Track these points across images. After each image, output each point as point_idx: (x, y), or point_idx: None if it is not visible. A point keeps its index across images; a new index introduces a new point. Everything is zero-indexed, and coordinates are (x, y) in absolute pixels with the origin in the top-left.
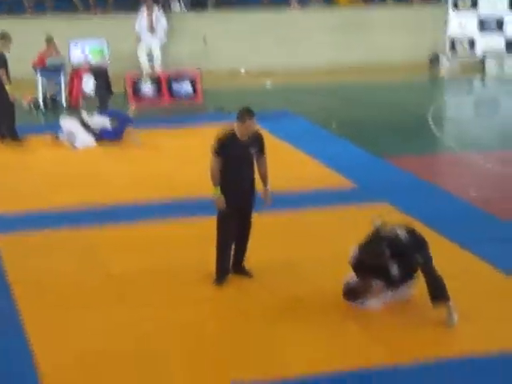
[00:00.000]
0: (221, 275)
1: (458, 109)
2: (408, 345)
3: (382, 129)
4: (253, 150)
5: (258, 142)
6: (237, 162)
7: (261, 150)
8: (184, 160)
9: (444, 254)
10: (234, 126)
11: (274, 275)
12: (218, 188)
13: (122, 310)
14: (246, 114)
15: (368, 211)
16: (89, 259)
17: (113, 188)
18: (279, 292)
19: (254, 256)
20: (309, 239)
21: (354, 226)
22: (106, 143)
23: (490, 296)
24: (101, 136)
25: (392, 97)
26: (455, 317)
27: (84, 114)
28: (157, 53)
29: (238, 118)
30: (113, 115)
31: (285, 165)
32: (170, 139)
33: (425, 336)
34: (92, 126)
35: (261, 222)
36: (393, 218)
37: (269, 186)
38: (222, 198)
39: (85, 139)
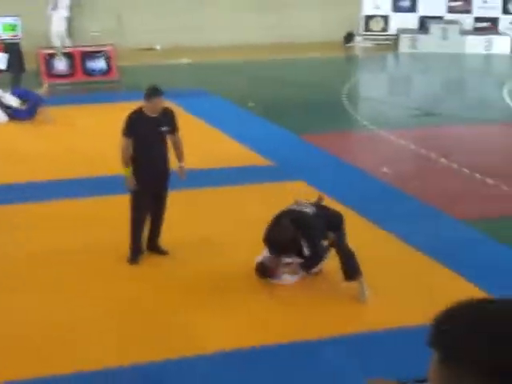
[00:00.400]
0: (134, 254)
1: (372, 87)
2: (320, 319)
3: (299, 107)
4: (164, 128)
5: (169, 119)
6: (147, 140)
7: (173, 127)
8: (100, 137)
9: (357, 230)
10: (143, 104)
11: (190, 252)
12: (129, 169)
13: (38, 291)
14: (152, 92)
15: (285, 189)
16: (5, 238)
17: (28, 165)
18: (195, 268)
19: (170, 233)
20: (225, 216)
21: (270, 204)
22: (19, 121)
23: (399, 271)
24: (13, 115)
25: (308, 75)
26: (367, 292)
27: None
28: (61, 28)
29: (145, 96)
30: (24, 96)
31: (202, 143)
32: (85, 116)
33: (336, 310)
34: (5, 103)
35: (178, 199)
36: (310, 196)
37: (184, 163)
38: (133, 179)
39: None
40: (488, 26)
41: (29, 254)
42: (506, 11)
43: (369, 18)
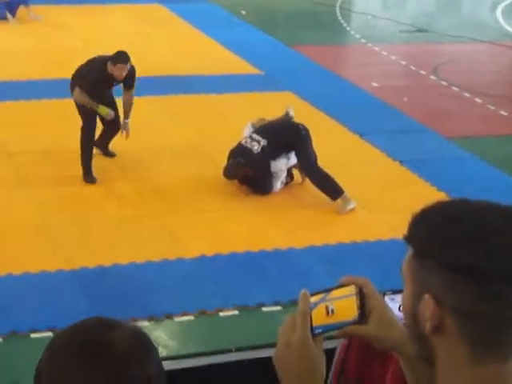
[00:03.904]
0: (89, 172)
1: (367, 0)
2: (300, 228)
3: (291, 17)
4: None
5: (129, 76)
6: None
7: (130, 83)
8: (88, 38)
9: (343, 143)
10: (108, 65)
11: (177, 158)
12: (99, 106)
13: (21, 190)
14: (119, 57)
15: (273, 99)
16: None
17: (14, 63)
18: (181, 175)
19: (157, 139)
20: (211, 124)
21: (257, 113)
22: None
23: (385, 185)
24: None
25: None
26: (350, 205)
27: None
28: None
29: (112, 58)
30: None
31: (192, 49)
32: (76, 16)
33: (320, 220)
34: None
35: (164, 104)
36: (296, 106)
37: (129, 120)
38: (105, 108)
39: None
40: None
41: (8, 153)
42: None
43: None
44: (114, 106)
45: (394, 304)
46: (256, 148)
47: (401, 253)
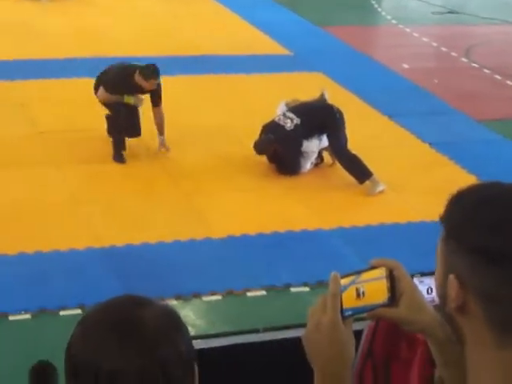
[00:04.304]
0: (119, 153)
1: None
2: (329, 209)
3: None
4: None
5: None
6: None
7: (158, 99)
8: (118, 17)
9: (373, 125)
10: (136, 75)
11: (205, 138)
12: (126, 96)
13: (51, 169)
14: (152, 73)
15: (302, 80)
16: (19, 114)
17: (45, 41)
18: (209, 155)
19: (185, 119)
20: (240, 105)
21: (286, 94)
22: None
23: (415, 167)
24: None
25: None
26: (379, 187)
27: None
28: None
29: (143, 72)
30: None
31: (221, 29)
32: None
33: (349, 202)
34: None
35: (193, 84)
36: (326, 86)
37: (164, 136)
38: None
39: None
40: None
41: (39, 131)
42: None
43: None
44: (136, 112)
45: (423, 286)
46: (289, 125)
47: (430, 235)
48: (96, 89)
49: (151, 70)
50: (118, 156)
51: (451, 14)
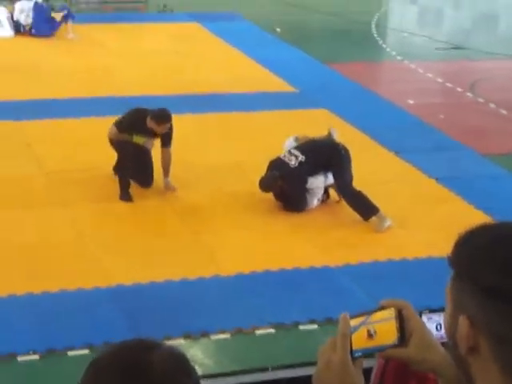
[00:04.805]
0: (126, 192)
1: (402, 18)
2: (336, 246)
3: (326, 35)
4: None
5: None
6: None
7: (168, 141)
8: (125, 57)
9: (379, 160)
10: (148, 119)
11: (212, 175)
12: (135, 136)
13: (58, 209)
14: (164, 118)
15: (308, 117)
16: (25, 155)
17: (52, 81)
18: (217, 193)
19: (194, 156)
20: (246, 142)
21: (292, 131)
22: (43, 37)
23: (421, 203)
24: (33, 30)
25: (336, 3)
26: (386, 223)
27: (16, 8)
28: None
29: (155, 117)
30: (48, 12)
31: (227, 66)
32: (112, 35)
33: (353, 238)
34: (20, 19)
35: (199, 122)
36: (332, 123)
37: (169, 178)
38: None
39: (3, 30)
40: None
41: (46, 172)
42: None
43: None
44: (148, 158)
45: (432, 323)
46: (293, 163)
47: (438, 271)
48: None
49: (163, 115)
50: (125, 195)
51: (455, 50)
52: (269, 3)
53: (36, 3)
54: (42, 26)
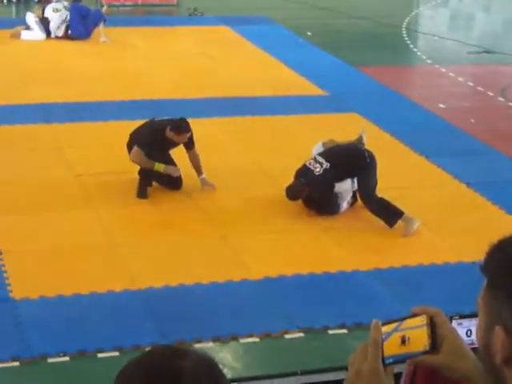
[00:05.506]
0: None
1: (433, 21)
2: (363, 250)
3: (357, 38)
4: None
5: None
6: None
7: (191, 145)
8: (156, 60)
9: (410, 165)
10: (167, 131)
11: (242, 179)
12: (158, 164)
13: (88, 212)
14: (183, 128)
15: (338, 121)
16: (55, 157)
17: (83, 84)
18: (246, 196)
19: (223, 160)
20: (277, 146)
21: (323, 135)
22: (76, 40)
23: (452, 207)
24: (69, 33)
25: (367, 7)
26: (414, 225)
27: (48, 8)
28: None
29: (174, 127)
30: (85, 12)
31: (258, 70)
32: (143, 38)
33: (385, 242)
34: (52, 22)
35: (230, 125)
36: (364, 127)
37: (204, 175)
38: (168, 166)
39: (33, 33)
40: None
41: (76, 174)
42: None
43: None
44: (173, 165)
45: (462, 329)
46: (318, 170)
47: (468, 276)
48: (129, 149)
49: (182, 125)
50: (141, 192)
51: (486, 54)
52: (299, 7)
53: (73, 5)
54: (79, 28)
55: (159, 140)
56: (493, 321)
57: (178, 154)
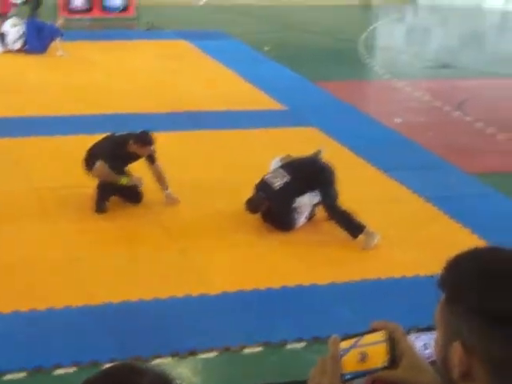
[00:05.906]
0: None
1: (390, 36)
2: (322, 264)
3: (314, 53)
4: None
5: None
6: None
7: (152, 159)
8: (114, 74)
9: (367, 179)
10: (131, 144)
11: (199, 194)
12: (122, 178)
13: (46, 225)
14: (148, 140)
15: (297, 135)
16: (14, 171)
17: (41, 98)
18: (204, 210)
19: (179, 174)
20: (235, 160)
21: (280, 149)
22: (33, 54)
23: (409, 221)
24: (26, 47)
25: (324, 22)
26: (374, 239)
27: (6, 23)
28: None
29: (139, 140)
30: (41, 27)
31: (217, 85)
32: (102, 52)
33: (339, 256)
34: (9, 36)
35: (186, 139)
36: (322, 142)
37: (169, 190)
38: (131, 177)
39: None
40: None
41: (35, 188)
42: None
43: None
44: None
45: (419, 342)
46: (278, 183)
47: (426, 290)
48: (88, 165)
49: (146, 138)
50: (100, 206)
51: (443, 69)
52: (256, 22)
53: (30, 20)
54: (35, 42)
55: (121, 154)
56: (451, 336)
57: (137, 169)
